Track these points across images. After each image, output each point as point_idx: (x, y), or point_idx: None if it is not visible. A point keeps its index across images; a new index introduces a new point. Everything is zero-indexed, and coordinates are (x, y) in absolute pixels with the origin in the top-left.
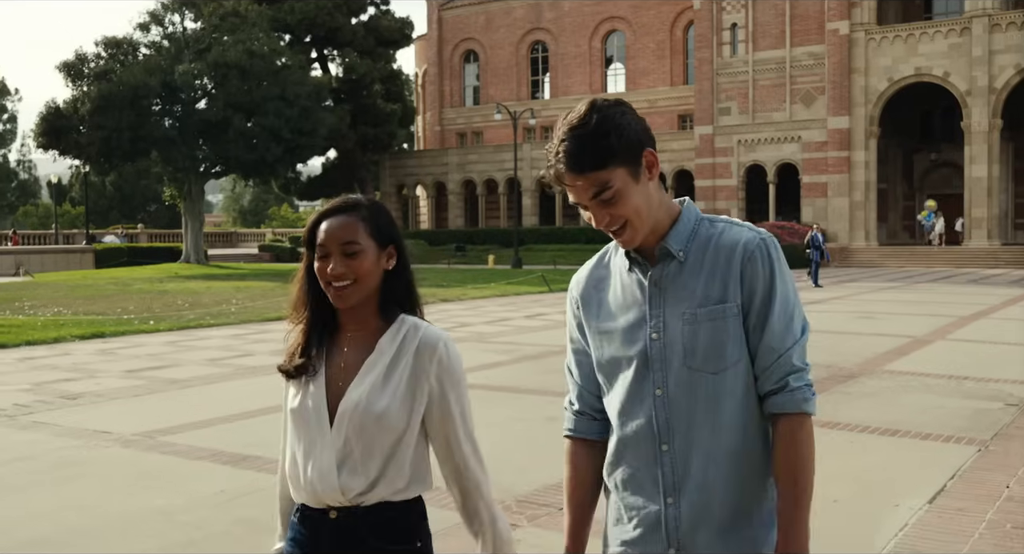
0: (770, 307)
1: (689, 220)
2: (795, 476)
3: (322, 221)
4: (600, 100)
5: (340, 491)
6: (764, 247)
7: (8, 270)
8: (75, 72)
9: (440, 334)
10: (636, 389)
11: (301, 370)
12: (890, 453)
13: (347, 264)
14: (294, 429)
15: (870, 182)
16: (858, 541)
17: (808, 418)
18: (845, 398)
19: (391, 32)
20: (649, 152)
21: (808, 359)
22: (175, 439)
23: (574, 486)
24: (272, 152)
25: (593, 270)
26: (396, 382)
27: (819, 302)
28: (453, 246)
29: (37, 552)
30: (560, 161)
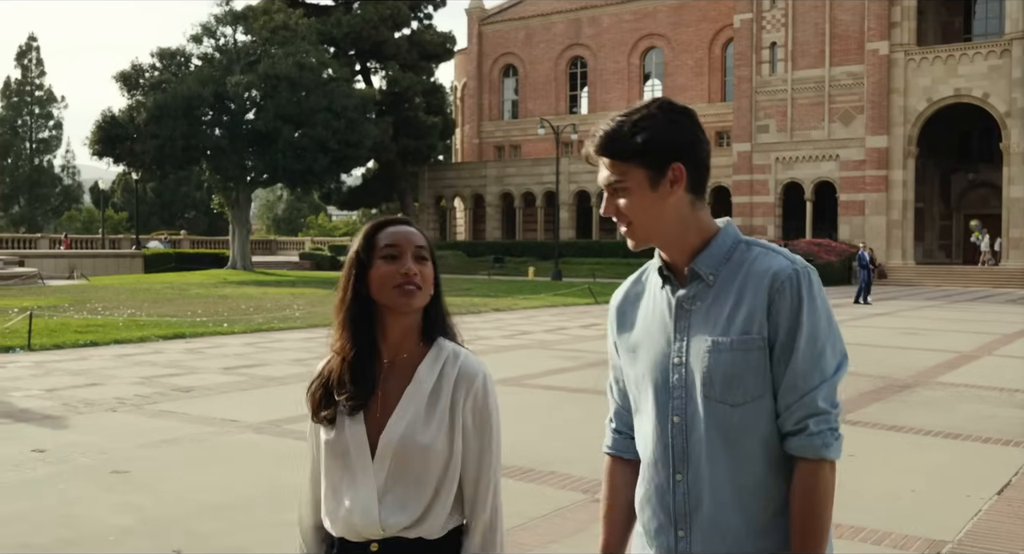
0: (795, 342)
1: (725, 243)
2: (807, 525)
3: (384, 228)
4: (667, 101)
5: (381, 527)
6: (795, 278)
7: (62, 273)
8: (131, 82)
9: (479, 367)
10: (656, 413)
11: (355, 409)
12: (954, 453)
13: (419, 268)
14: (330, 462)
15: (907, 201)
16: (938, 524)
17: (828, 465)
18: (904, 406)
19: (434, 46)
20: (677, 167)
21: (839, 398)
22: (299, 427)
23: (610, 505)
24: (319, 162)
25: (631, 287)
26: (440, 413)
27: (863, 317)
28: (491, 258)
29: (226, 515)
30: (595, 134)
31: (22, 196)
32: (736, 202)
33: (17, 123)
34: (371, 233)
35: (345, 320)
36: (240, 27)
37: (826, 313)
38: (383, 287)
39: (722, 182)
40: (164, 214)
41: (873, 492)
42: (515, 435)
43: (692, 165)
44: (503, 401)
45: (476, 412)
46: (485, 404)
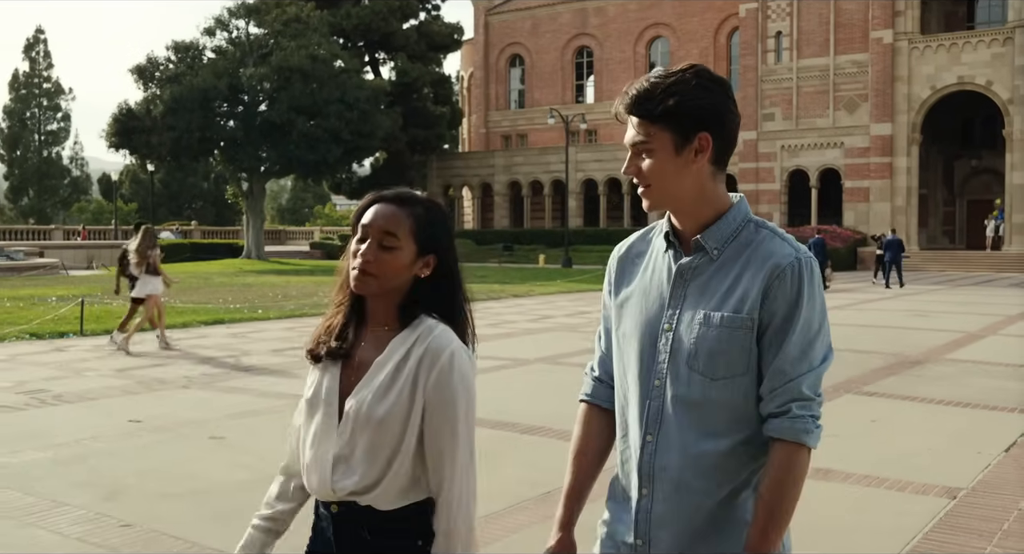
0: (789, 329)
1: (735, 219)
2: (774, 505)
3: (375, 203)
4: (703, 68)
5: (331, 488)
6: (797, 267)
7: (81, 263)
8: (146, 75)
9: (449, 343)
10: (638, 372)
11: (332, 355)
12: (965, 419)
13: (378, 254)
14: (307, 416)
15: (911, 188)
16: (953, 475)
17: (805, 451)
18: (918, 379)
19: (442, 37)
20: (704, 136)
21: (821, 389)
22: None
23: (580, 450)
24: (333, 153)
25: (636, 243)
26: (400, 387)
27: (873, 301)
28: (500, 246)
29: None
30: (626, 92)
31: (31, 188)
32: (742, 189)
33: (25, 115)
34: (365, 205)
35: (342, 284)
36: (252, 20)
37: (821, 305)
38: (349, 264)
39: (728, 170)
40: (172, 205)
41: (894, 450)
42: (554, 408)
43: (719, 136)
44: (542, 379)
45: (439, 388)
46: (449, 380)
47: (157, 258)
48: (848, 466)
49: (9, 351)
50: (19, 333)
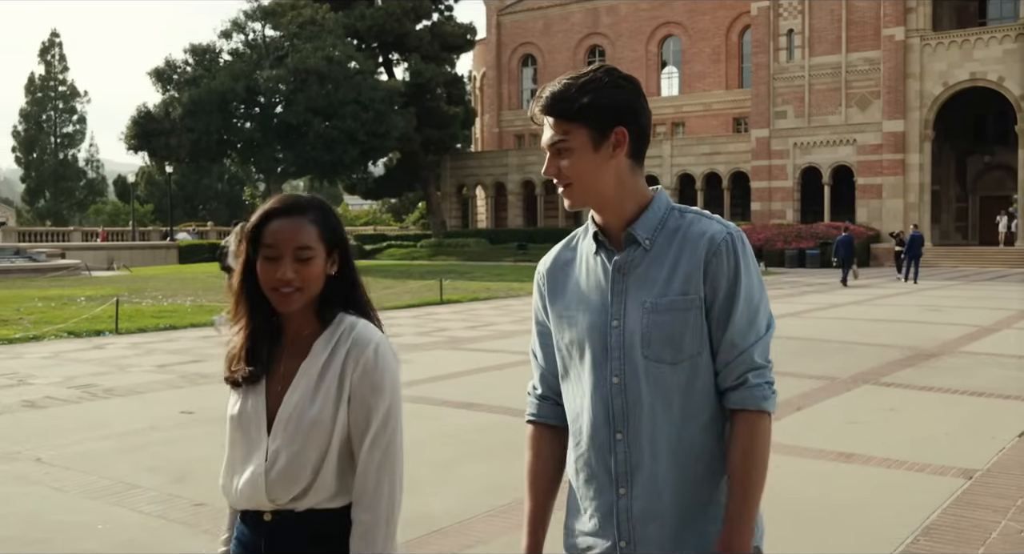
0: (733, 302)
1: (659, 209)
2: (747, 473)
3: (271, 219)
4: (612, 68)
5: (268, 499)
6: (731, 241)
7: (101, 264)
8: (164, 78)
9: (373, 336)
10: (593, 375)
11: (250, 380)
12: (980, 407)
13: (297, 269)
14: (232, 437)
15: (924, 184)
16: (969, 458)
17: (766, 416)
18: (933, 371)
19: (455, 37)
20: (620, 131)
21: (771, 356)
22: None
23: (535, 473)
24: (349, 154)
25: (561, 252)
26: (327, 386)
27: (888, 296)
28: (514, 245)
29: None
30: (540, 94)
31: (47, 190)
32: (755, 187)
33: (42, 118)
34: (259, 224)
35: (240, 302)
36: (268, 23)
37: (758, 275)
38: (264, 286)
39: (741, 168)
40: (187, 206)
41: (912, 435)
42: None
43: (634, 130)
44: None
45: (364, 380)
46: (375, 369)
47: None
48: (868, 450)
49: (52, 349)
50: (57, 331)
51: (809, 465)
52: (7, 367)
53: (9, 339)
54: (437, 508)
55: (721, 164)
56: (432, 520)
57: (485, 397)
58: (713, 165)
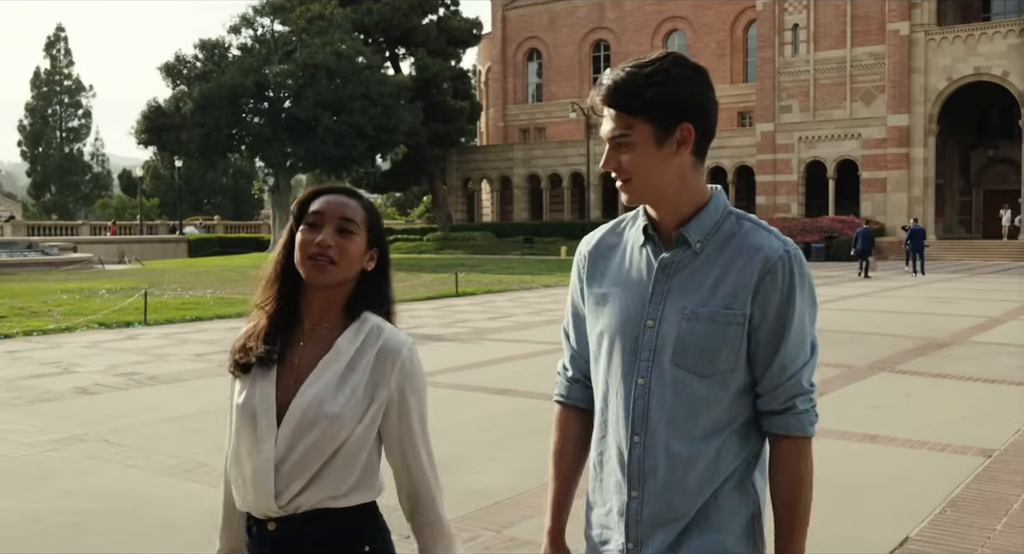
0: (787, 325)
1: (716, 211)
2: (794, 502)
3: (320, 195)
4: (680, 56)
5: (275, 494)
6: (787, 260)
7: (112, 258)
8: (174, 72)
9: (404, 340)
10: (620, 371)
11: (263, 361)
12: (993, 392)
13: (338, 240)
14: (239, 427)
15: (928, 178)
16: (986, 438)
17: (810, 442)
18: (946, 359)
19: (461, 32)
20: (686, 127)
21: (815, 380)
22: (445, 379)
23: (561, 455)
24: (357, 148)
25: (606, 235)
26: (354, 385)
27: (897, 288)
28: (520, 238)
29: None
30: (602, 83)
31: (53, 184)
32: (760, 181)
33: (47, 112)
34: (306, 199)
35: (271, 279)
36: (277, 18)
37: (812, 295)
38: (300, 255)
39: (746, 161)
40: (192, 200)
41: (931, 419)
42: None
43: (701, 127)
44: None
45: (404, 381)
46: (412, 372)
47: None
48: (891, 432)
49: (88, 339)
50: (88, 323)
51: (836, 445)
52: (50, 356)
53: (44, 330)
54: (491, 484)
55: (726, 158)
56: (489, 495)
57: (518, 384)
58: (718, 159)
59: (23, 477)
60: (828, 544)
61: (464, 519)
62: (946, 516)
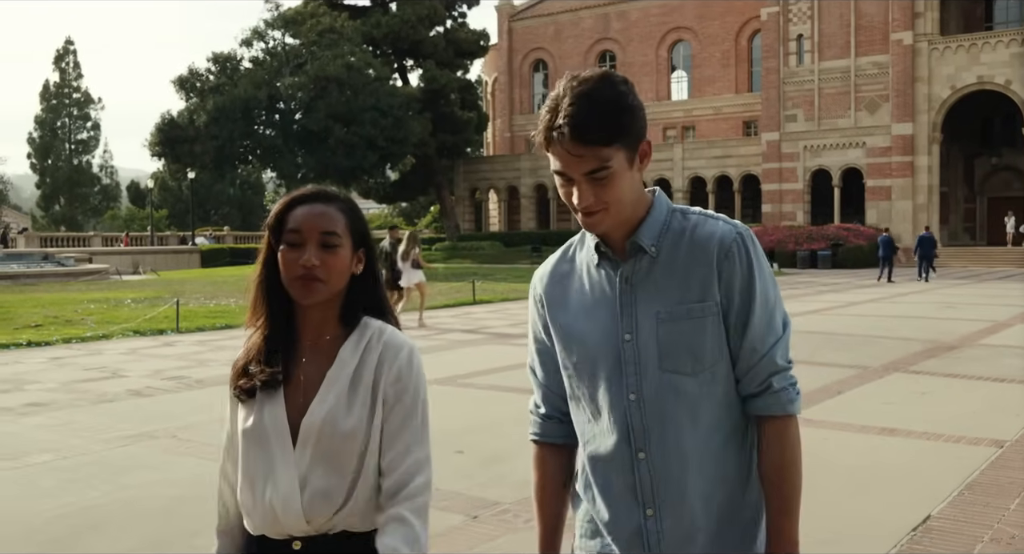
0: (751, 305)
1: (661, 212)
2: (783, 480)
3: (296, 206)
4: (608, 72)
5: (304, 518)
6: (741, 241)
7: (127, 269)
8: (187, 85)
9: (404, 341)
10: (607, 394)
11: (268, 385)
12: (1002, 391)
13: (323, 257)
14: (248, 451)
15: (932, 186)
16: (998, 431)
17: (794, 419)
18: (955, 360)
19: (468, 44)
20: (647, 142)
21: (792, 356)
22: (470, 380)
23: (545, 494)
24: (368, 159)
25: (557, 265)
26: (362, 396)
27: (904, 295)
28: (528, 247)
29: (469, 435)
30: (566, 124)
31: (62, 196)
32: (765, 189)
33: (56, 125)
34: (282, 211)
35: (258, 298)
36: (288, 31)
37: (770, 273)
38: (286, 275)
39: (751, 170)
40: (199, 211)
41: (944, 414)
42: None
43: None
44: None
45: (398, 382)
46: (409, 373)
47: (419, 255)
48: (907, 426)
49: (126, 346)
50: (123, 331)
51: (856, 438)
52: (94, 362)
53: (82, 337)
54: None
55: (732, 167)
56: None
57: None
58: (724, 168)
59: (107, 468)
60: (856, 523)
61: (521, 503)
62: (963, 498)
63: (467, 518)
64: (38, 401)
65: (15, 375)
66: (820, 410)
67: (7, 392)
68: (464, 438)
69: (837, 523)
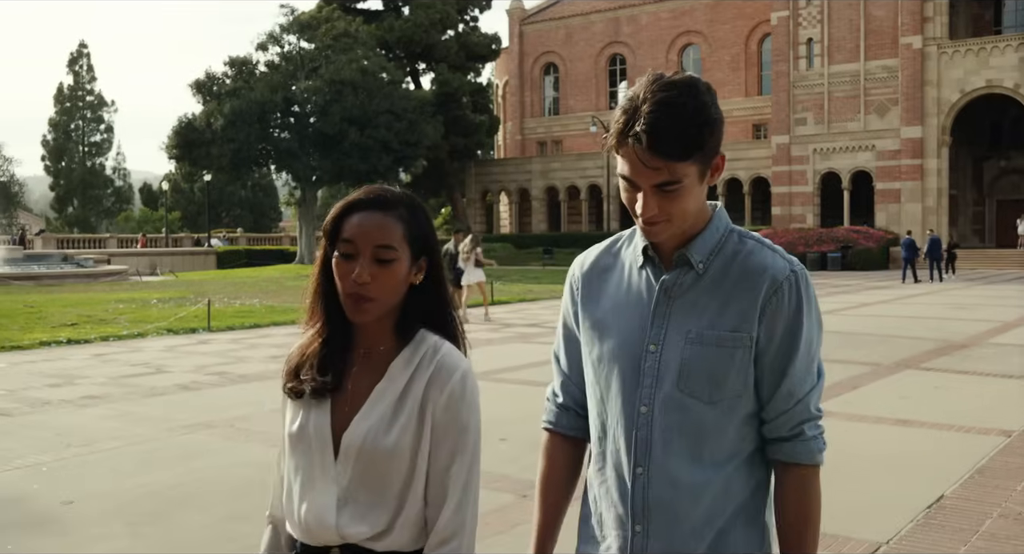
0: (794, 348)
1: (718, 230)
2: (805, 530)
3: (352, 212)
4: (700, 80)
5: (338, 535)
6: (794, 280)
7: (145, 270)
8: (204, 89)
9: (460, 363)
10: (621, 399)
11: (317, 393)
12: (1011, 386)
13: (376, 273)
14: (292, 456)
15: (942, 188)
16: (1007, 421)
17: (818, 470)
18: (965, 358)
19: (480, 47)
20: (721, 156)
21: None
22: (503, 376)
23: (548, 485)
24: (383, 162)
25: (601, 256)
26: (408, 414)
27: (916, 296)
28: (540, 249)
29: (510, 424)
30: (643, 133)
31: (76, 198)
32: (775, 192)
33: (70, 127)
34: (339, 217)
35: (315, 303)
36: (304, 36)
37: (818, 318)
38: (340, 288)
39: (761, 173)
40: (211, 212)
41: (956, 407)
42: None
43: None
44: None
45: (449, 410)
46: (462, 399)
47: (481, 254)
48: (921, 417)
49: (163, 344)
50: (157, 329)
51: (873, 428)
52: (135, 358)
53: (119, 335)
54: None
55: (742, 169)
56: None
57: None
58: (734, 171)
59: (177, 453)
60: (877, 500)
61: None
62: (974, 480)
63: (517, 497)
64: (93, 394)
65: (63, 370)
66: (838, 403)
67: (60, 386)
68: (506, 427)
69: (861, 500)
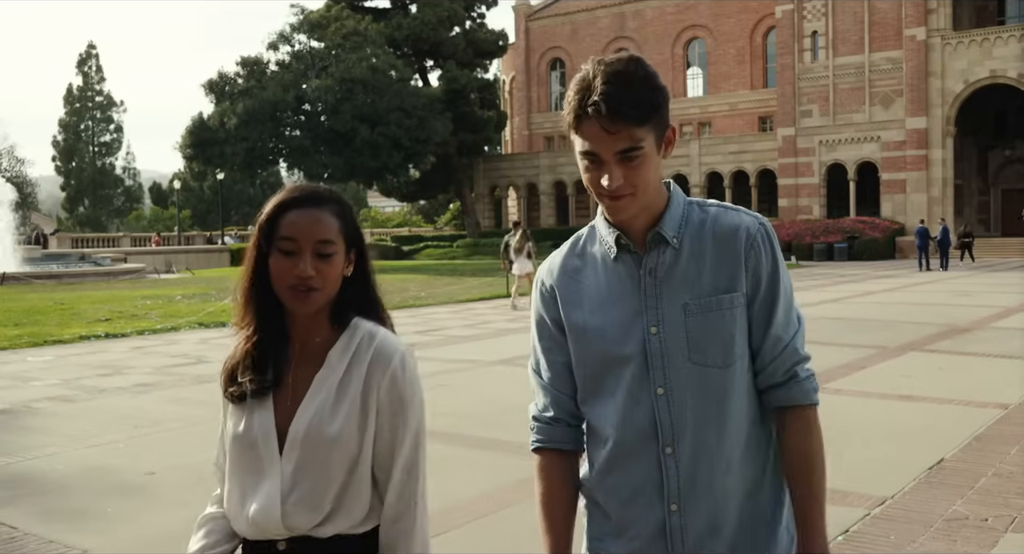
0: (776, 294)
1: (679, 204)
2: (811, 470)
3: (288, 210)
4: (636, 56)
5: (284, 526)
6: (765, 233)
7: (160, 268)
8: (216, 89)
9: (397, 345)
10: (633, 390)
11: (258, 392)
12: (1010, 366)
13: (318, 266)
14: (238, 457)
15: (947, 178)
16: (1005, 396)
17: (816, 410)
18: (969, 341)
19: (487, 44)
20: (672, 129)
21: (815, 338)
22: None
23: (552, 504)
24: (393, 159)
25: (567, 259)
26: (350, 401)
27: (921, 284)
28: (548, 243)
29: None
30: (601, 100)
31: (86, 197)
32: (782, 184)
33: (80, 127)
34: (274, 215)
35: (247, 302)
36: (314, 35)
37: (784, 266)
38: (278, 283)
39: (767, 165)
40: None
41: (957, 384)
42: None
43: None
44: None
45: (392, 393)
46: (404, 381)
47: (532, 248)
48: (924, 393)
49: (197, 337)
50: (189, 323)
51: (878, 403)
52: (174, 350)
53: (153, 330)
54: None
55: (748, 162)
56: None
57: None
58: (740, 163)
59: None
60: (882, 462)
61: None
62: (972, 446)
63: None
64: (145, 382)
65: (109, 362)
66: (846, 381)
67: (111, 376)
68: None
69: (868, 462)
